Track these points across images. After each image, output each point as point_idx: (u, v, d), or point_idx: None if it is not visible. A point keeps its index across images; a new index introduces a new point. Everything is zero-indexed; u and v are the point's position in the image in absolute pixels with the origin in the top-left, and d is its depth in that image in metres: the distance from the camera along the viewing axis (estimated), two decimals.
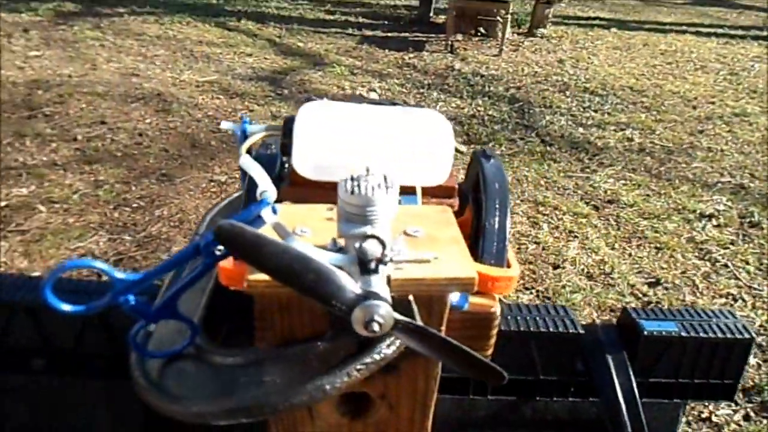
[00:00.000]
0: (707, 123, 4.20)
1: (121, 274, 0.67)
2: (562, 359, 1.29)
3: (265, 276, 0.63)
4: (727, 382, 1.33)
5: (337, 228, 0.66)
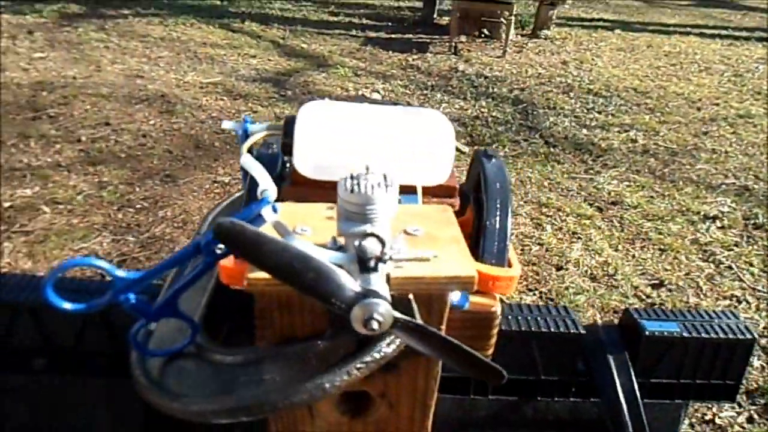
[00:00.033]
0: (711, 124, 4.19)
1: (122, 272, 0.67)
2: (563, 359, 1.29)
3: (265, 274, 0.63)
4: (729, 382, 1.33)
5: (337, 226, 0.67)
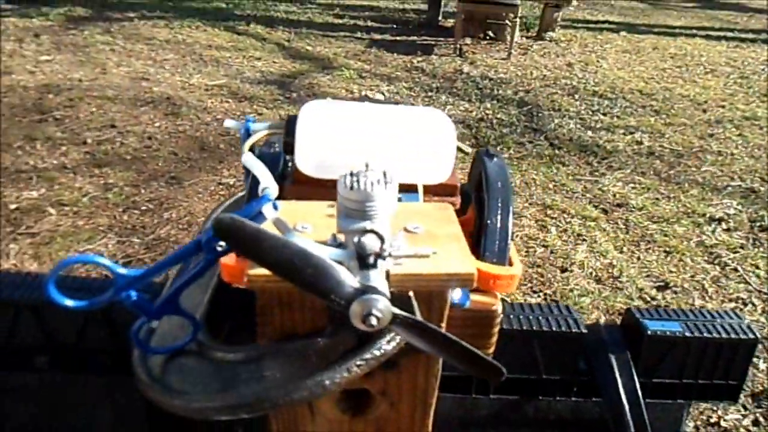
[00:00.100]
0: (717, 126, 4.18)
1: (123, 269, 0.68)
2: (564, 358, 1.29)
3: (265, 271, 0.63)
4: (732, 382, 1.32)
5: (337, 223, 0.67)
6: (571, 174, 3.34)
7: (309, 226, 0.74)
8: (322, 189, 0.88)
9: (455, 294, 0.77)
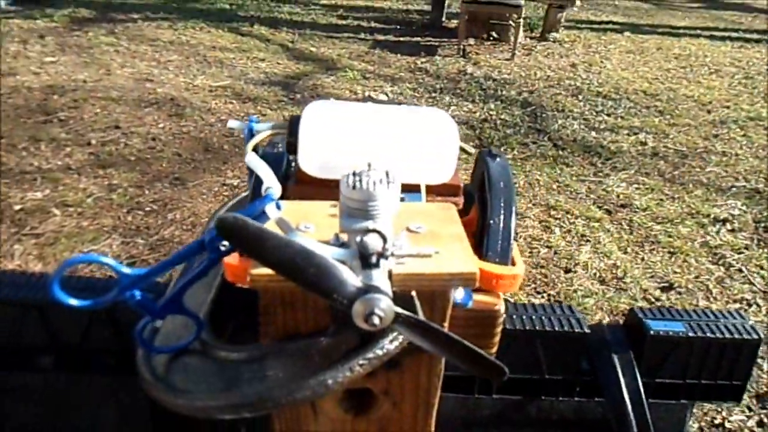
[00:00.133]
0: (722, 127, 4.18)
1: (127, 269, 0.68)
2: (567, 358, 1.29)
3: (268, 270, 0.63)
4: (736, 383, 1.32)
5: (339, 223, 0.67)
6: (575, 175, 3.33)
7: (312, 225, 0.74)
8: (324, 189, 0.88)
9: (458, 294, 0.77)
